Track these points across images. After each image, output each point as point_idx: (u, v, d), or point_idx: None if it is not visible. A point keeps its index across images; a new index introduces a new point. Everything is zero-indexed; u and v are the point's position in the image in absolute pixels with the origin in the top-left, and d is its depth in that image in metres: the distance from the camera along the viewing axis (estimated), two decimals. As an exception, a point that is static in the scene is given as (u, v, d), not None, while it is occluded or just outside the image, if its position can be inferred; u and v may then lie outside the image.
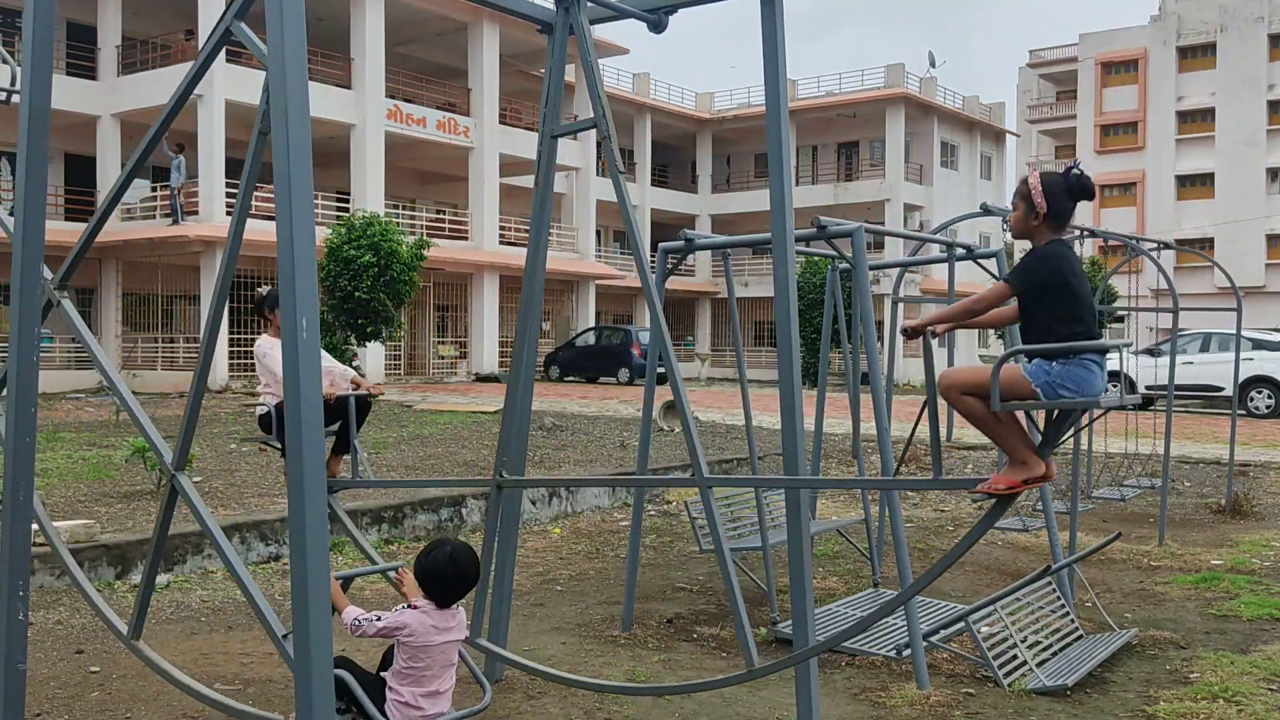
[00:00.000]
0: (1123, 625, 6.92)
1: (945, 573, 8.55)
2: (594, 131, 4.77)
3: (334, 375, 5.66)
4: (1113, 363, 24.61)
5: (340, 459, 5.91)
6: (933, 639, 6.12)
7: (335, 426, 5.66)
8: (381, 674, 4.21)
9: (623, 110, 43.29)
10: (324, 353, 5.34)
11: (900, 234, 8.13)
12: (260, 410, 5.92)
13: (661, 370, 5.53)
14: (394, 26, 30.86)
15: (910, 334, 3.57)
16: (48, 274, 4.27)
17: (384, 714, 4.04)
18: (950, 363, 8.74)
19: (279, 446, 5.68)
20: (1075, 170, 3.44)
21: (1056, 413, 3.41)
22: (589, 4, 4.97)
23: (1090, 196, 3.50)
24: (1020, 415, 3.48)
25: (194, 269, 27.60)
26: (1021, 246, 39.92)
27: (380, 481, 5.76)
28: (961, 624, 6.02)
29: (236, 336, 26.55)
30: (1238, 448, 12.51)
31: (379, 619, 4.05)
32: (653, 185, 44.93)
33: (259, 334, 6.27)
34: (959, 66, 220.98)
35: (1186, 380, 23.30)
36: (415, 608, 4.06)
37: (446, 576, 4.07)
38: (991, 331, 36.64)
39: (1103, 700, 5.52)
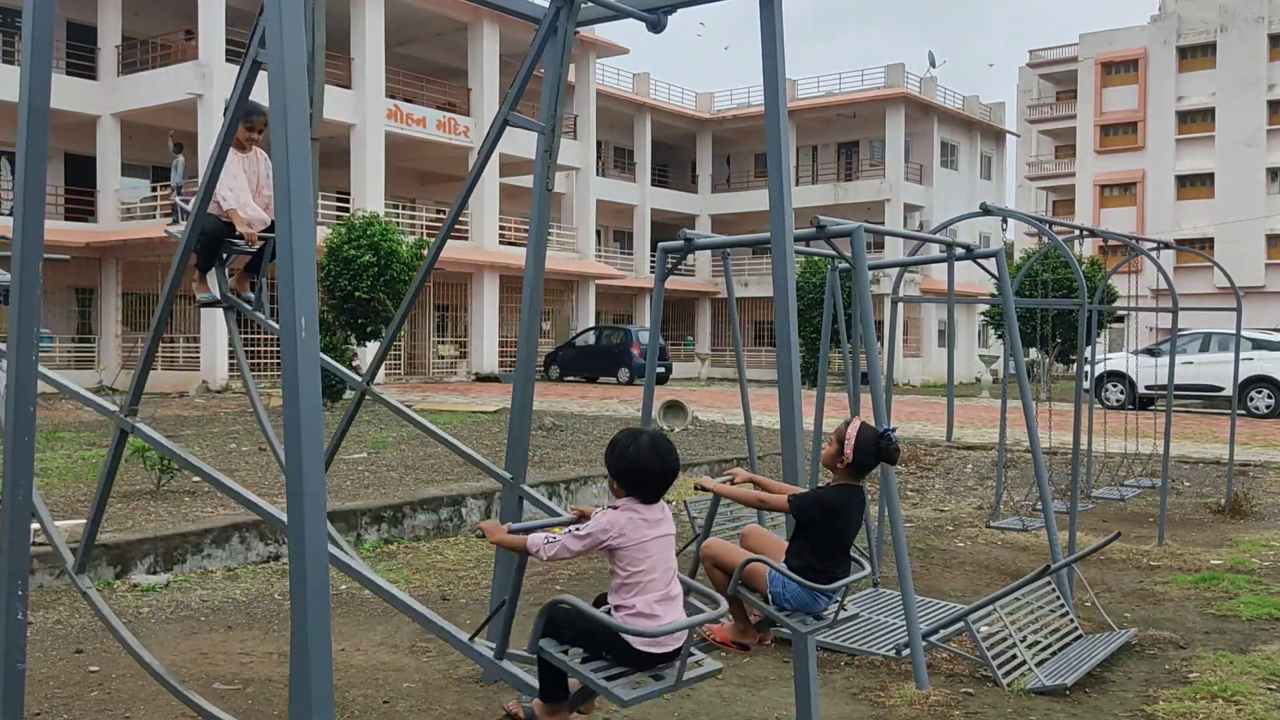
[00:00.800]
0: (1122, 625, 6.92)
1: (945, 572, 8.52)
2: (594, 132, 4.78)
3: (258, 215, 5.79)
4: (1115, 363, 24.64)
5: (249, 279, 6.09)
6: (932, 639, 6.12)
7: (257, 248, 5.85)
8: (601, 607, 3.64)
9: (623, 110, 43.30)
10: (270, 174, 5.53)
11: (900, 234, 8.13)
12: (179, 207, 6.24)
13: (661, 370, 5.54)
14: (394, 26, 30.87)
15: (701, 490, 4.05)
16: (111, 405, 4.43)
17: (618, 640, 3.43)
18: (950, 359, 8.74)
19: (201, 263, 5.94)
20: (888, 433, 3.93)
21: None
22: (589, 4, 4.97)
23: (891, 463, 4.04)
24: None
25: (194, 269, 27.59)
26: (1024, 247, 39.91)
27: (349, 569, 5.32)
28: (961, 624, 6.02)
29: (236, 336, 26.52)
30: (1237, 448, 12.52)
31: (578, 529, 3.49)
32: (653, 185, 44.94)
33: (260, 334, 6.33)
34: (961, 66, 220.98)
35: (1186, 380, 23.31)
36: (615, 507, 3.55)
37: (650, 467, 3.56)
38: (992, 332, 36.68)
39: (1102, 700, 5.52)
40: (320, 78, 3.95)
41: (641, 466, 3.56)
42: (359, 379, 5.94)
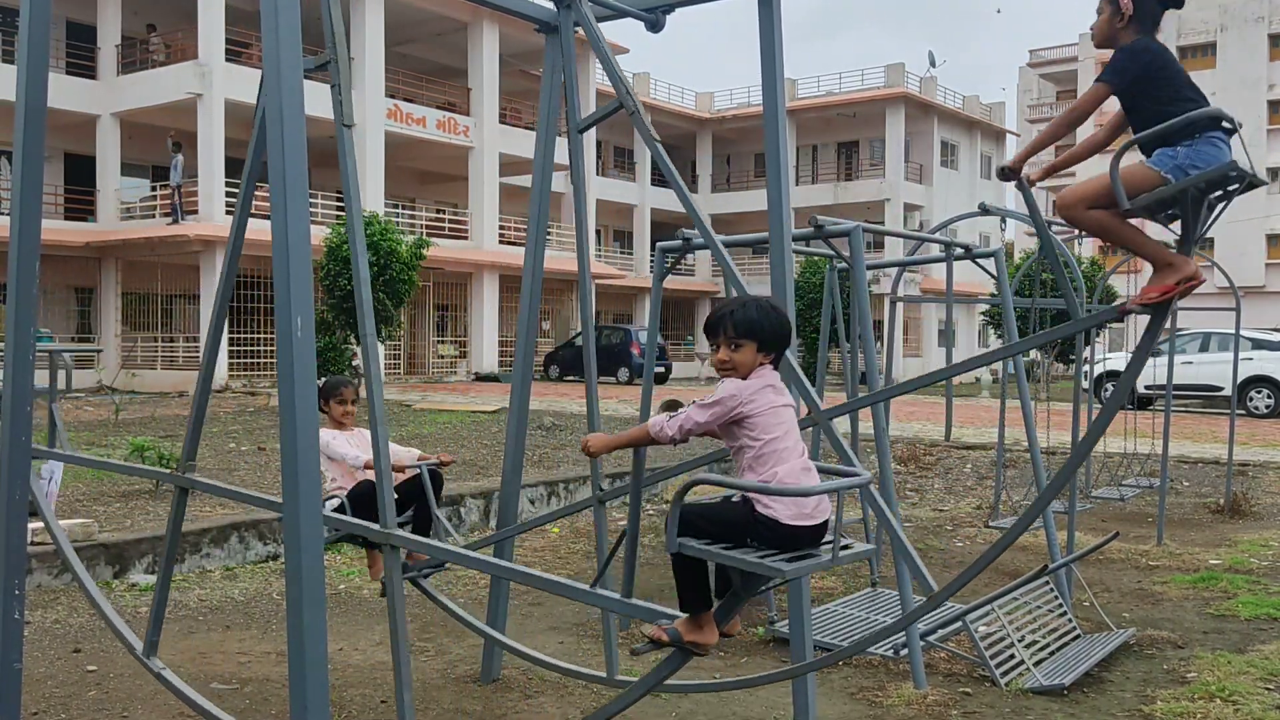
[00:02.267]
0: (1120, 625, 6.91)
1: (945, 572, 8.53)
2: (593, 131, 4.79)
3: (398, 457, 5.09)
4: (1114, 363, 24.63)
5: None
6: (930, 638, 6.11)
7: (410, 512, 5.16)
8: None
9: (622, 110, 43.22)
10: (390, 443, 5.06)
11: (898, 233, 8.13)
12: (333, 503, 5.15)
13: (659, 369, 5.54)
14: (394, 26, 30.86)
15: (1006, 174, 3.46)
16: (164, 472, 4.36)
17: (762, 522, 3.12)
18: (949, 359, 8.73)
19: (364, 542, 5.12)
20: None
21: (1191, 203, 3.19)
22: (590, 3, 4.97)
23: (1179, 4, 3.34)
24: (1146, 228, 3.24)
25: (194, 268, 27.60)
26: (1024, 247, 39.64)
27: (469, 558, 4.86)
28: (959, 623, 6.02)
29: (236, 335, 26.55)
30: (1237, 447, 12.51)
31: (703, 400, 3.19)
32: (652, 185, 44.93)
33: (260, 333, 6.28)
34: (962, 66, 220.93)
35: (1186, 380, 23.31)
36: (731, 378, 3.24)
37: (786, 326, 3.30)
38: (992, 332, 36.64)
39: (1100, 700, 5.52)
40: (345, 68, 3.92)
41: (787, 330, 3.29)
42: None
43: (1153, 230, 3.61)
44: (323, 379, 5.23)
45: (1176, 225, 3.29)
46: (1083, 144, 3.51)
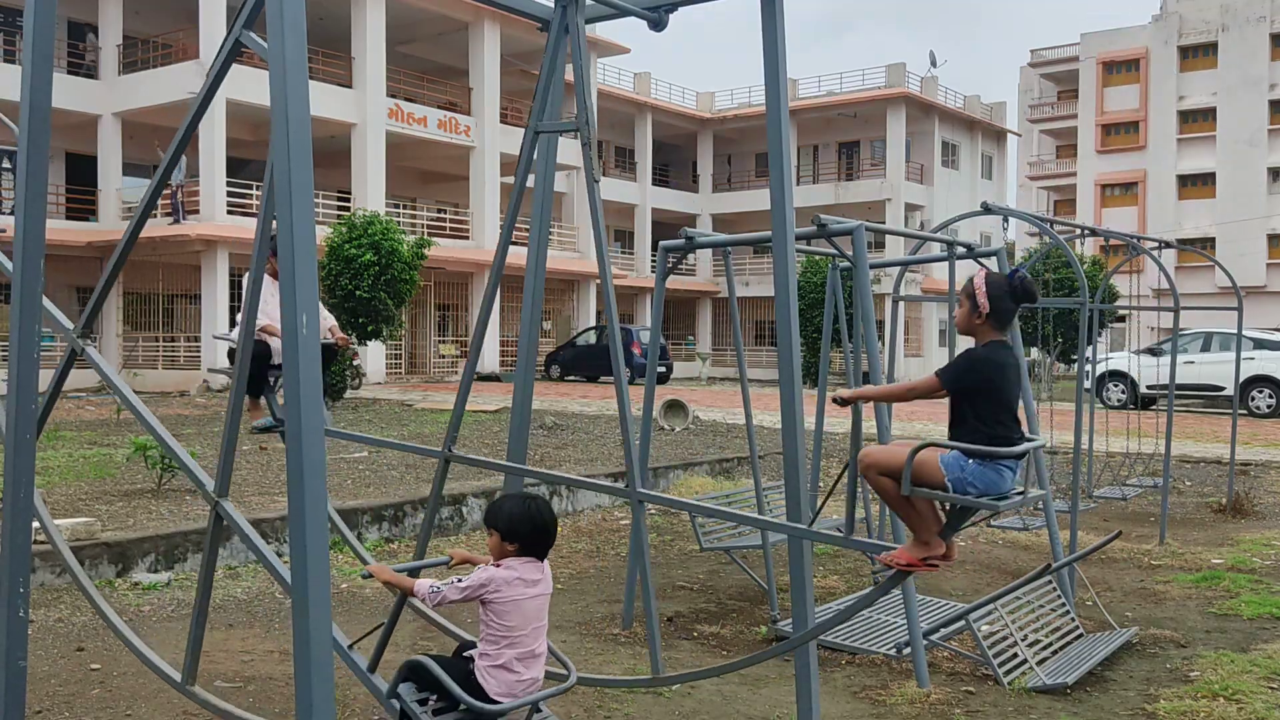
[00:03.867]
0: (1123, 624, 6.91)
1: (945, 571, 8.53)
2: (595, 131, 4.79)
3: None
4: (1116, 363, 24.63)
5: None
6: (933, 637, 6.12)
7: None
8: (464, 654, 3.94)
9: (624, 109, 43.28)
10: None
11: (901, 232, 8.13)
12: (229, 346, 6.05)
13: (661, 369, 5.54)
14: (395, 26, 30.86)
15: (842, 403, 3.79)
16: (68, 323, 4.35)
17: (476, 687, 3.73)
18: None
19: (252, 390, 5.91)
20: (1020, 274, 3.65)
21: (958, 510, 3.57)
22: (592, 2, 4.97)
23: (1032, 300, 3.70)
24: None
25: (194, 268, 27.61)
26: (1025, 246, 39.85)
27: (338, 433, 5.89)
28: (962, 622, 6.02)
29: (237, 335, 26.55)
30: (1239, 447, 12.51)
31: (459, 580, 3.78)
32: (653, 185, 44.92)
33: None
34: (964, 66, 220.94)
35: (1188, 380, 23.30)
36: (498, 565, 3.81)
37: (541, 525, 3.84)
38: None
39: (1103, 699, 5.52)
40: (594, 131, 4.25)
41: (528, 521, 3.81)
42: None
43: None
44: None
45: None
46: (894, 391, 4.00)
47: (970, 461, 3.41)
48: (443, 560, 4.45)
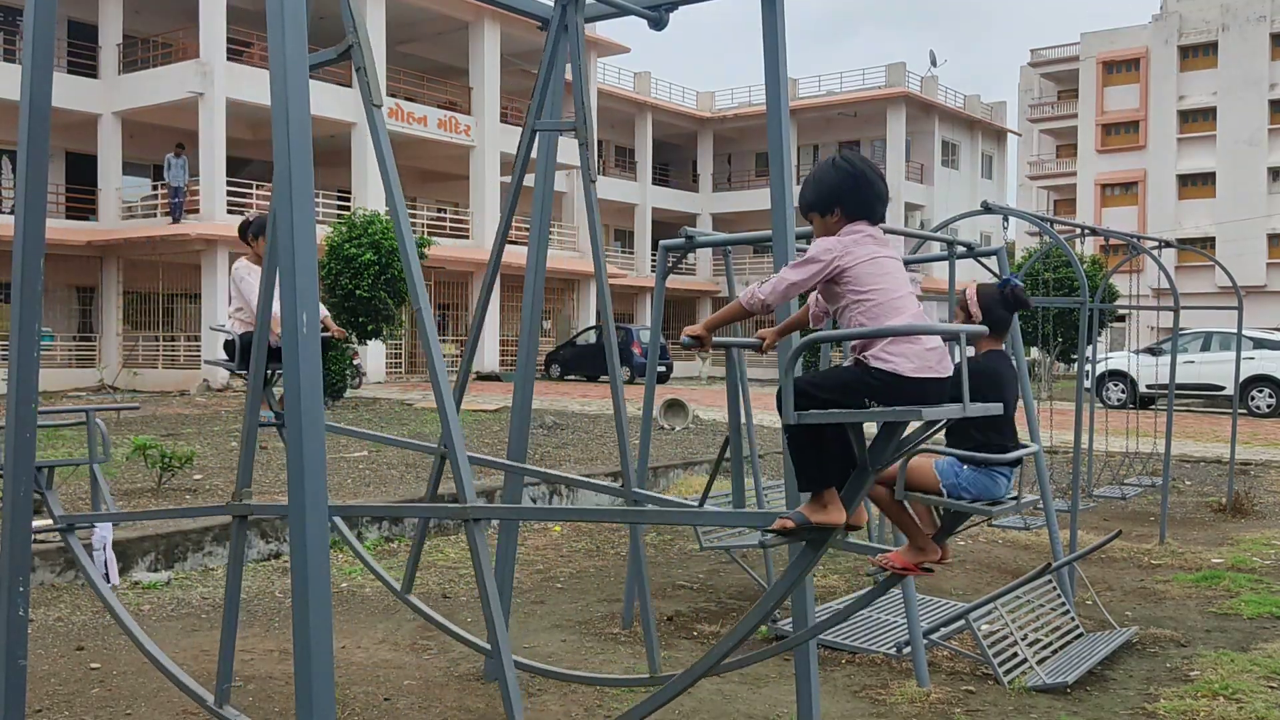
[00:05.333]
0: (1123, 623, 6.91)
1: (946, 570, 8.51)
2: (595, 131, 4.79)
3: None
4: (1116, 362, 24.62)
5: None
6: (933, 636, 6.12)
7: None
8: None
9: (624, 109, 43.28)
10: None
11: (901, 231, 8.12)
12: (225, 338, 6.05)
13: (661, 369, 5.53)
14: (395, 25, 30.86)
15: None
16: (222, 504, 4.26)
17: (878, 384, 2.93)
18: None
19: (242, 373, 5.88)
20: (1011, 283, 3.66)
21: (952, 514, 3.54)
22: (590, 1, 4.97)
23: (1026, 308, 3.71)
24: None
25: (195, 267, 27.62)
26: (1025, 246, 39.74)
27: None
28: (962, 622, 6.02)
29: (237, 335, 26.53)
30: (1239, 446, 12.51)
31: (792, 261, 3.02)
32: (654, 184, 44.92)
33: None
34: (964, 66, 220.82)
35: (1188, 379, 23.31)
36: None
37: (871, 177, 3.06)
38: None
39: (1103, 698, 5.52)
40: (368, 50, 3.92)
41: (869, 178, 3.04)
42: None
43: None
44: (254, 216, 5.70)
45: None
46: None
47: (964, 467, 3.46)
48: (754, 341, 3.74)
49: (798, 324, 3.62)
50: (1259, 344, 23.78)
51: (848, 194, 3.02)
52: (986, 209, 7.88)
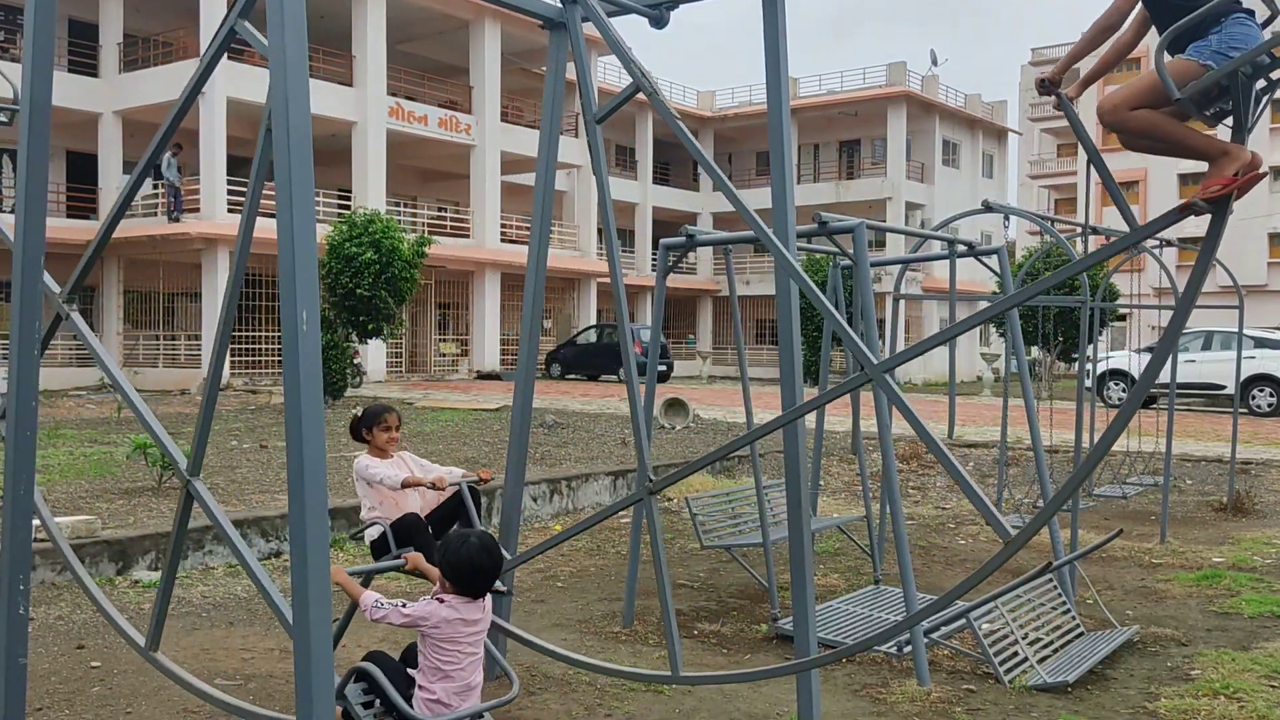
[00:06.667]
0: (1124, 622, 6.91)
1: (946, 569, 8.52)
2: (599, 128, 4.80)
3: (439, 475, 4.99)
4: (1117, 361, 24.62)
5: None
6: (934, 635, 6.12)
7: (455, 528, 4.98)
8: (408, 670, 4.04)
9: (624, 108, 43.10)
10: (420, 460, 5.09)
11: (902, 230, 8.13)
12: (372, 536, 4.99)
13: (662, 368, 5.51)
14: (396, 24, 30.85)
15: (1045, 88, 3.35)
16: (55, 285, 4.20)
17: (412, 708, 3.89)
18: (951, 357, 8.74)
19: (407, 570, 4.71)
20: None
21: (1240, 88, 3.05)
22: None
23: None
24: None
25: (195, 266, 27.62)
26: (1026, 245, 39.57)
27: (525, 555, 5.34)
28: (962, 620, 6.02)
29: (237, 333, 26.54)
30: (1239, 446, 12.51)
31: (404, 605, 3.88)
32: (654, 183, 44.90)
33: (262, 331, 6.25)
34: (965, 64, 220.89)
35: (1188, 378, 23.29)
36: (442, 600, 3.88)
37: (478, 567, 3.87)
38: (993, 329, 36.62)
39: (1104, 697, 5.52)
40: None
41: (471, 565, 3.86)
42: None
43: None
44: (361, 410, 5.15)
45: (1221, 125, 3.22)
46: (1112, 48, 3.34)
47: (1210, 35, 3.00)
48: (398, 563, 4.44)
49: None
50: (1260, 343, 23.77)
51: (462, 576, 3.92)
52: (987, 208, 7.88)
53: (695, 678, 3.51)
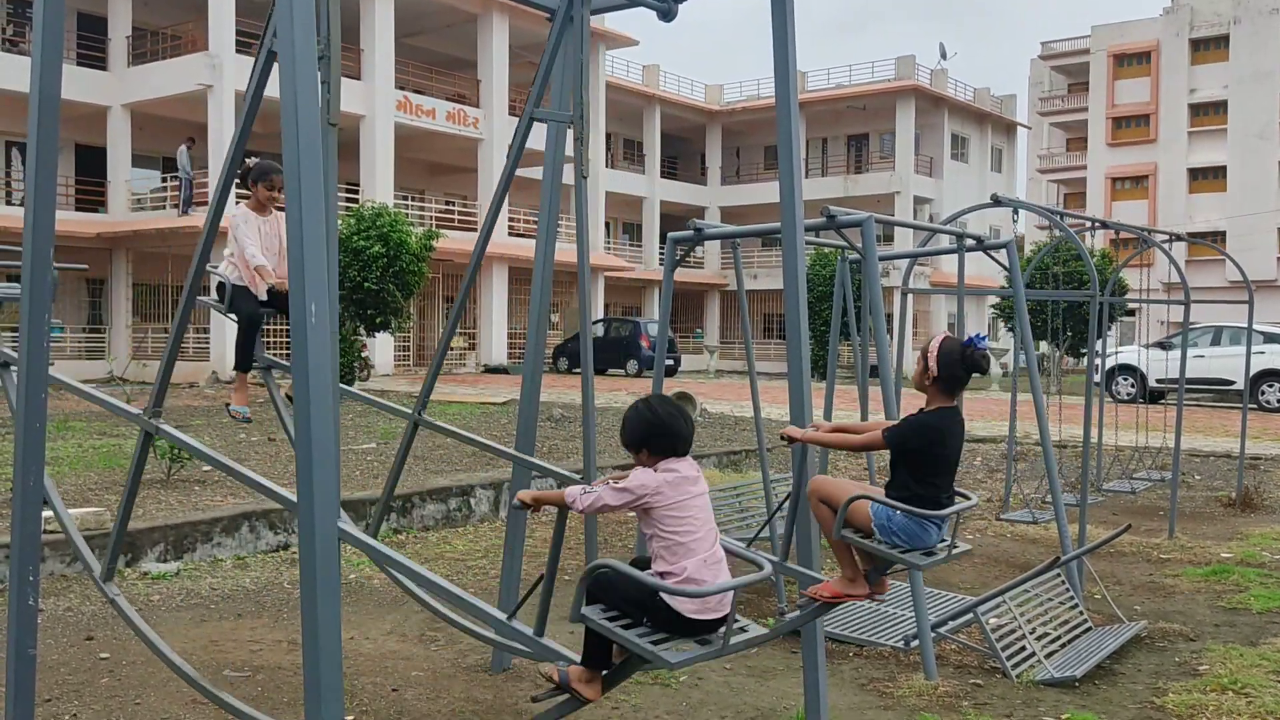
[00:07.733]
0: (1132, 617, 6.90)
1: (954, 564, 8.52)
2: (603, 124, 4.78)
3: (281, 271, 5.52)
4: (1126, 357, 24.56)
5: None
6: (941, 630, 6.11)
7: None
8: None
9: (632, 102, 43.22)
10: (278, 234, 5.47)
11: (910, 224, 8.11)
12: (216, 279, 5.84)
13: (669, 362, 5.53)
14: (403, 18, 30.86)
15: (789, 441, 3.92)
16: (135, 411, 4.42)
17: (664, 610, 3.30)
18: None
19: (232, 316, 5.82)
20: (975, 344, 3.71)
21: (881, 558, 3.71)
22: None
23: (982, 371, 3.80)
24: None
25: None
26: (1035, 239, 39.85)
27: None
28: (970, 615, 6.02)
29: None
30: (1248, 441, 12.47)
31: (615, 482, 3.36)
32: (662, 177, 44.87)
33: (268, 324, 6.23)
34: (974, 58, 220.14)
35: (1197, 374, 23.23)
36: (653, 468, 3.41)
37: (675, 420, 3.43)
38: (1002, 325, 36.59)
39: (1111, 692, 5.51)
40: (337, 66, 3.91)
41: (667, 423, 3.42)
42: None
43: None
44: (254, 160, 5.58)
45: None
46: (849, 440, 3.95)
47: (897, 513, 3.59)
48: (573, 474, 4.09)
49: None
50: (1269, 339, 23.69)
51: (663, 435, 3.44)
52: (996, 202, 7.86)
53: (682, 660, 3.41)
